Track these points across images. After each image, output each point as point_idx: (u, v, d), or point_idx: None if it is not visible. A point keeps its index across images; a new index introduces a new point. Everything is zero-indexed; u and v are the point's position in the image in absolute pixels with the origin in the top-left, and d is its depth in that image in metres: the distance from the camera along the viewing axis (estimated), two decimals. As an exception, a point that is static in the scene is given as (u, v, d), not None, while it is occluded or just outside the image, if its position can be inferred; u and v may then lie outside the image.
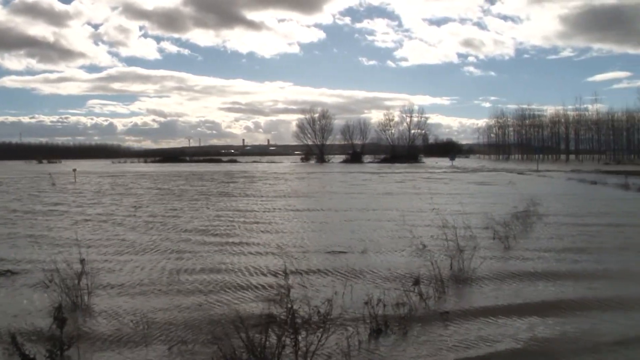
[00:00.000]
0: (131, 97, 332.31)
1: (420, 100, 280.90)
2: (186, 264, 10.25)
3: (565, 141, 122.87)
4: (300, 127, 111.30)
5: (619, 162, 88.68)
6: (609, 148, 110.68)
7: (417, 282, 7.42)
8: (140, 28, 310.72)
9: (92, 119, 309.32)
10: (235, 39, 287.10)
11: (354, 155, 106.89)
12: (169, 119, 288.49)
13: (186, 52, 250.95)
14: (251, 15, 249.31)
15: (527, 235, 13.24)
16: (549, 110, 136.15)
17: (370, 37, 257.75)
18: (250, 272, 9.49)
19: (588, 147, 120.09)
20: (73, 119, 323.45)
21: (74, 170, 46.87)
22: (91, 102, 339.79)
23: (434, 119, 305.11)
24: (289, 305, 5.43)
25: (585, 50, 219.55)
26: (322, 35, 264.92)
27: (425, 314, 6.96)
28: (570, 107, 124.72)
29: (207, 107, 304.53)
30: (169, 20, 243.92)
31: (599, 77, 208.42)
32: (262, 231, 14.52)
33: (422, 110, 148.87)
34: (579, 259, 10.58)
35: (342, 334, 6.00)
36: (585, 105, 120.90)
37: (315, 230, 14.69)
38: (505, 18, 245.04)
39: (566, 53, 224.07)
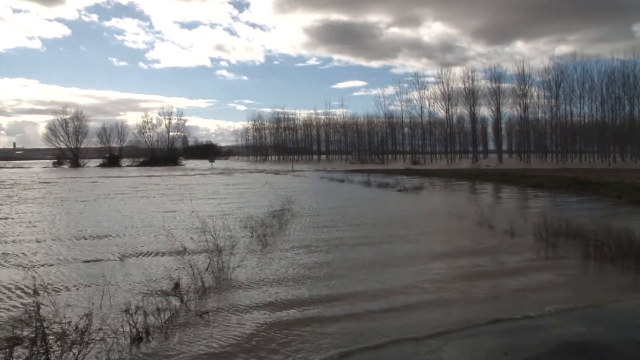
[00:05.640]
0: None
1: (177, 102, 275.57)
2: None
3: (317, 143, 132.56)
4: (51, 129, 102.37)
5: (363, 162, 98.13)
6: (354, 149, 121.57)
7: (177, 285, 7.47)
8: None
9: None
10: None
11: (112, 159, 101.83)
12: None
13: None
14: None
15: (283, 232, 14.06)
16: (302, 114, 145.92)
17: (120, 37, 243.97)
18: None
19: (337, 148, 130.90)
20: None
21: None
22: None
23: (192, 121, 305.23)
24: (39, 324, 5.09)
25: (328, 60, 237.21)
26: (66, 31, 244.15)
27: (187, 316, 7.04)
28: (320, 111, 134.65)
29: None
30: None
31: (341, 85, 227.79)
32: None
33: (180, 113, 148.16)
34: (329, 250, 11.61)
35: (102, 347, 5.80)
36: (333, 110, 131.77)
37: (67, 239, 13.64)
38: (254, 26, 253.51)
39: (312, 62, 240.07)
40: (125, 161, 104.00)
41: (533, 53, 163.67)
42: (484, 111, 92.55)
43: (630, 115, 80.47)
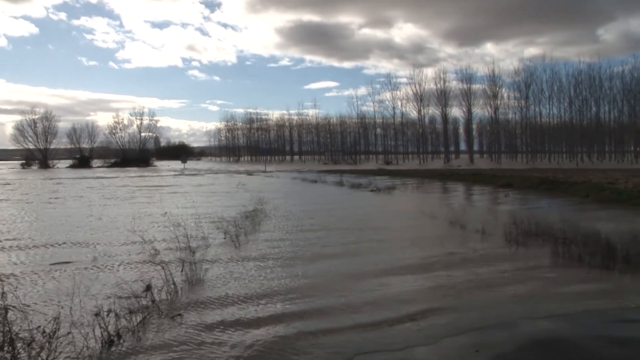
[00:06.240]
0: None
1: (148, 102, 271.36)
2: None
3: (290, 143, 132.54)
4: (20, 129, 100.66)
5: (336, 162, 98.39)
6: (327, 149, 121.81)
7: (149, 288, 7.40)
8: None
9: None
10: None
11: (82, 160, 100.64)
12: None
13: None
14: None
15: (256, 233, 14.02)
16: (274, 114, 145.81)
17: (89, 36, 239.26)
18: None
19: (310, 149, 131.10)
20: None
21: None
22: None
23: (164, 122, 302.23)
24: (6, 328, 4.99)
25: (300, 61, 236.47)
26: (34, 29, 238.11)
27: (159, 318, 6.97)
28: (293, 112, 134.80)
29: None
30: None
31: (314, 86, 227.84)
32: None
33: (152, 113, 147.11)
34: (300, 252, 11.62)
35: (71, 351, 5.71)
36: (305, 111, 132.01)
37: (33, 242, 13.35)
38: (225, 26, 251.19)
39: (284, 62, 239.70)
40: (96, 162, 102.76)
41: (503, 55, 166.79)
42: (456, 112, 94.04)
43: (596, 117, 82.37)
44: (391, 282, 8.88)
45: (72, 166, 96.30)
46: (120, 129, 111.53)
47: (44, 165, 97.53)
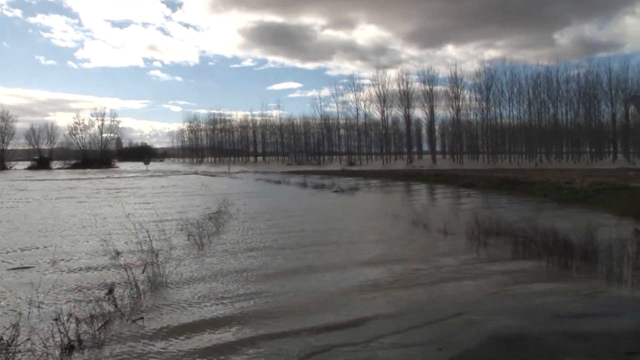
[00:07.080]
0: None
1: (109, 102, 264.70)
2: None
3: (254, 144, 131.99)
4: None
5: (300, 163, 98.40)
6: (291, 150, 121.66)
7: (111, 291, 7.28)
8: None
9: None
10: None
11: (41, 161, 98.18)
12: None
13: None
14: None
15: (220, 235, 13.92)
16: (238, 115, 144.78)
17: (46, 34, 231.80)
18: None
19: (274, 150, 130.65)
20: None
21: None
22: None
23: (125, 122, 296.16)
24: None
25: (263, 62, 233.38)
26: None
27: (121, 323, 6.87)
28: (256, 112, 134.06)
29: None
30: None
31: (277, 87, 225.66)
32: None
33: (113, 114, 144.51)
34: (262, 254, 11.58)
35: (30, 358, 5.59)
36: (269, 112, 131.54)
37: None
38: (187, 26, 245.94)
39: (247, 63, 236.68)
40: (55, 163, 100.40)
41: (463, 57, 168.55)
42: (418, 113, 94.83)
43: (554, 118, 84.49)
44: (353, 288, 8.91)
45: (30, 168, 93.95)
46: (81, 130, 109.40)
47: (1, 166, 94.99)
